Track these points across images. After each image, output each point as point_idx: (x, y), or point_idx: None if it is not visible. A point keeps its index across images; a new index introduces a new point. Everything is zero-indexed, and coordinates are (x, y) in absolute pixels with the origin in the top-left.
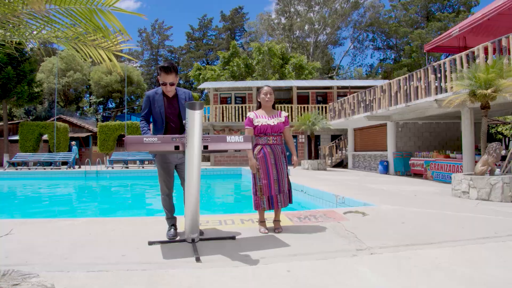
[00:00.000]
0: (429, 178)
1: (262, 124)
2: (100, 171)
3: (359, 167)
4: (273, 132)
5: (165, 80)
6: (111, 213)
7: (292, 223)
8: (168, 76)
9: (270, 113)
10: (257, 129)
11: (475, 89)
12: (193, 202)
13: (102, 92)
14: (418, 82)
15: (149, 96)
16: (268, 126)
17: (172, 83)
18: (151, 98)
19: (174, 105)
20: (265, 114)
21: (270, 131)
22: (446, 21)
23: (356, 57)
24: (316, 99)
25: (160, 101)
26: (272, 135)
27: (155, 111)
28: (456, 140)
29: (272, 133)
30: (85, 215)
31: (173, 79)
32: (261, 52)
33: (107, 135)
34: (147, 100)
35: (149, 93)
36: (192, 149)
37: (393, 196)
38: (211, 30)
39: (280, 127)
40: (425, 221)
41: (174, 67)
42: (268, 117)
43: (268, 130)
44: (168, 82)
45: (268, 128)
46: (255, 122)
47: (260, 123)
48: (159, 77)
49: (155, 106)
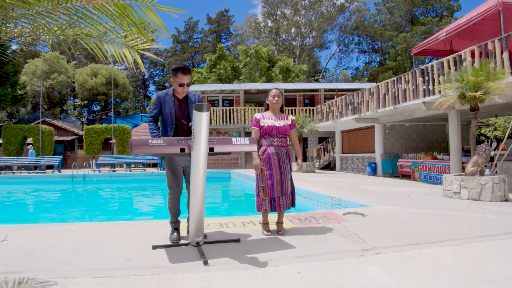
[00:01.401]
0: (417, 179)
1: (268, 125)
2: (87, 175)
3: (347, 169)
4: (279, 134)
5: (183, 81)
6: (103, 218)
7: (293, 224)
8: (186, 77)
9: (277, 116)
10: (263, 130)
11: (465, 92)
12: (198, 205)
13: (87, 94)
14: (406, 85)
15: (160, 97)
16: (273, 127)
17: (189, 83)
18: (162, 99)
19: (184, 107)
20: (272, 116)
21: (275, 133)
22: (430, 25)
23: (342, 60)
24: (304, 102)
25: (171, 102)
26: (277, 136)
27: (165, 112)
28: (442, 141)
29: (277, 135)
30: (77, 220)
31: (189, 79)
32: (248, 54)
33: (93, 138)
34: (157, 101)
35: (160, 94)
36: (199, 152)
37: (387, 197)
38: (197, 32)
39: (286, 129)
40: (423, 221)
41: (190, 68)
42: (275, 119)
43: (274, 132)
44: (185, 82)
45: (273, 129)
46: (262, 123)
47: (266, 124)
48: (175, 78)
49: (165, 107)
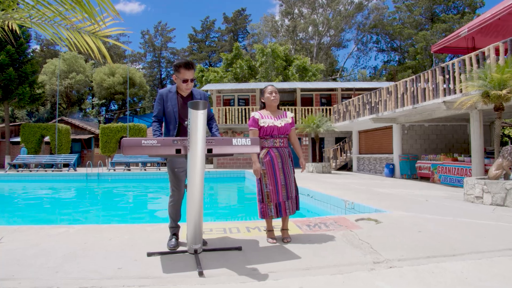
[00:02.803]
0: (436, 182)
1: (269, 125)
2: (102, 174)
3: (364, 170)
4: (280, 134)
5: (186, 77)
6: (112, 218)
7: (301, 231)
8: (189, 72)
9: (276, 114)
10: (263, 131)
11: (489, 90)
12: (196, 210)
13: (105, 93)
14: (425, 84)
15: (162, 94)
16: (274, 127)
17: (193, 79)
18: (164, 96)
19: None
20: (271, 114)
21: (276, 133)
22: (451, 23)
23: (360, 59)
24: (320, 101)
25: (174, 100)
26: (279, 137)
27: (168, 111)
28: (463, 142)
29: (279, 135)
30: (85, 220)
31: (193, 75)
32: (264, 53)
33: (109, 137)
34: (159, 98)
35: (162, 91)
36: (195, 153)
37: (403, 201)
38: (213, 32)
39: (287, 128)
40: (443, 230)
41: (193, 63)
42: (275, 118)
43: (275, 132)
44: (189, 78)
45: (274, 130)
46: (261, 123)
47: (266, 124)
48: (178, 74)
49: (168, 105)
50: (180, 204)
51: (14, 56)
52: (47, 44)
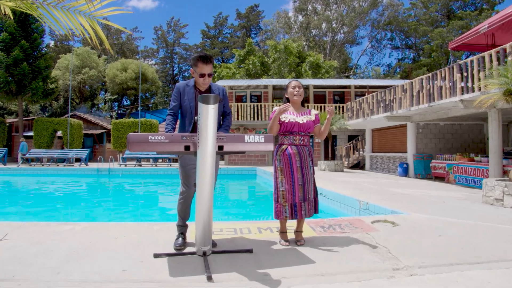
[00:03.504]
0: (451, 182)
1: (290, 121)
2: (113, 169)
3: (377, 169)
4: (301, 131)
5: (204, 71)
6: (121, 214)
7: (315, 233)
8: (207, 67)
9: (299, 110)
10: (283, 126)
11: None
12: (205, 210)
13: (117, 89)
14: (442, 82)
15: (179, 88)
16: (295, 123)
17: (210, 73)
18: (181, 90)
19: None
20: (294, 110)
21: (297, 130)
22: (468, 20)
23: (373, 57)
24: (333, 99)
25: (191, 94)
26: (300, 134)
27: (185, 105)
28: (479, 142)
29: (299, 132)
30: (93, 216)
31: (210, 69)
32: (277, 50)
33: (120, 132)
34: (177, 92)
35: (179, 85)
36: (205, 150)
37: (419, 202)
38: (226, 28)
39: (309, 126)
40: (464, 234)
41: (211, 57)
42: (297, 114)
43: (295, 129)
44: (206, 72)
45: (295, 126)
46: (282, 118)
47: (287, 120)
48: (195, 68)
49: (185, 99)
50: (190, 202)
51: (28, 51)
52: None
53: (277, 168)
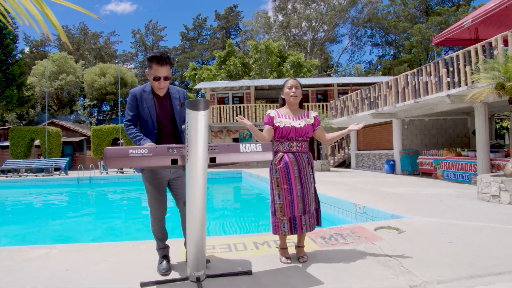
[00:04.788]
0: (439, 178)
1: (285, 126)
2: (94, 177)
3: (363, 167)
4: (298, 137)
5: (158, 74)
6: (103, 229)
7: (316, 246)
8: (162, 69)
9: (296, 113)
10: (278, 132)
11: (504, 82)
12: (197, 230)
13: (96, 94)
14: (427, 77)
15: (135, 94)
16: (292, 128)
17: (167, 77)
18: (138, 97)
19: (166, 106)
20: (290, 113)
21: (294, 135)
22: (446, 15)
23: (354, 54)
24: (316, 97)
25: (150, 101)
26: (297, 140)
27: (143, 114)
28: (464, 136)
29: (296, 138)
30: (73, 234)
31: (167, 72)
32: (258, 50)
33: (100, 139)
34: (132, 99)
35: (135, 91)
36: (195, 163)
37: (417, 203)
38: (205, 29)
39: (307, 130)
40: (475, 239)
41: (168, 57)
42: (294, 118)
43: (292, 134)
44: (162, 75)
45: (291, 131)
46: (276, 122)
47: (282, 124)
48: (150, 70)
49: (143, 107)
50: (164, 222)
51: (0, 58)
52: (37, 45)
53: (273, 179)
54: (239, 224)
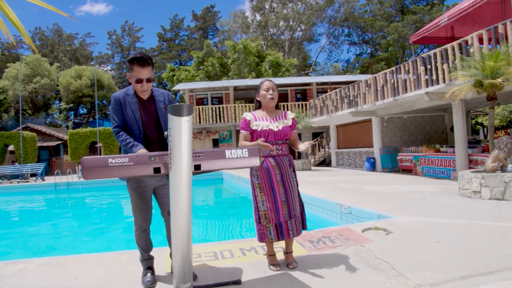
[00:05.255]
0: (419, 174)
1: (263, 129)
2: (72, 183)
3: (344, 165)
4: (277, 140)
5: (140, 76)
6: (83, 239)
7: (305, 250)
8: (144, 70)
9: (273, 115)
10: (256, 135)
11: (482, 79)
12: (184, 241)
13: (72, 97)
14: (406, 75)
15: (119, 98)
16: (270, 131)
17: (149, 78)
18: (122, 101)
19: (151, 109)
20: (267, 115)
21: (273, 139)
22: (421, 14)
23: (332, 53)
24: (295, 97)
25: (134, 104)
26: (276, 143)
27: (129, 118)
28: (442, 133)
29: (276, 141)
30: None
31: (149, 73)
32: (236, 50)
33: (78, 143)
34: (116, 103)
35: (117, 95)
36: (180, 172)
37: (400, 201)
38: (183, 30)
39: (286, 132)
40: (463, 238)
41: (149, 58)
42: (271, 120)
43: (271, 138)
44: (144, 77)
45: (270, 135)
46: (253, 126)
47: (260, 128)
48: (131, 72)
49: (127, 111)
50: (148, 232)
51: None
52: (8, 48)
53: (255, 185)
54: (222, 228)
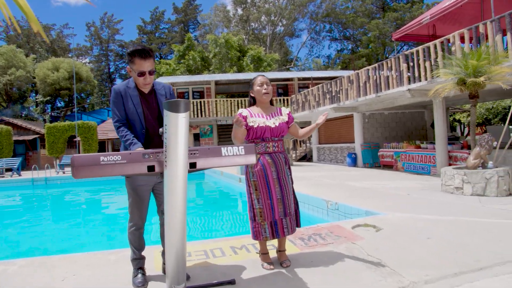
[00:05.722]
0: (400, 170)
1: (259, 126)
2: (50, 178)
3: (325, 160)
4: (274, 137)
5: (142, 68)
6: (66, 237)
7: (297, 248)
8: (146, 63)
9: (268, 111)
10: (252, 132)
11: (465, 77)
12: (178, 241)
13: (49, 90)
14: (389, 72)
15: (120, 91)
16: (267, 128)
17: (151, 71)
18: (123, 94)
19: (152, 104)
20: (262, 112)
21: (269, 135)
22: (402, 12)
23: (313, 48)
24: (277, 92)
25: (136, 97)
26: (273, 140)
27: (130, 112)
28: (421, 129)
29: (272, 138)
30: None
31: (151, 65)
32: (217, 44)
33: (56, 137)
34: (116, 97)
35: (118, 88)
36: (175, 170)
37: (386, 197)
38: (163, 23)
39: (282, 129)
40: (451, 234)
41: (150, 50)
42: (267, 116)
43: (267, 134)
44: (146, 70)
45: (266, 131)
46: (250, 122)
47: (256, 124)
48: (132, 65)
49: (129, 105)
50: (143, 230)
51: None
52: None
53: (250, 183)
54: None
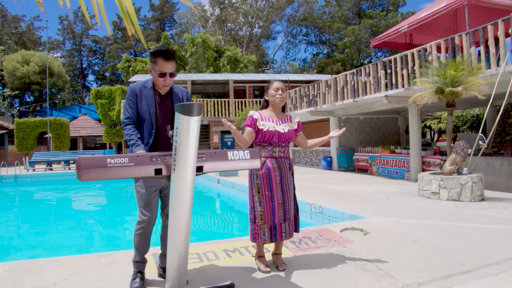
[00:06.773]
0: (374, 174)
1: (269, 130)
2: (20, 175)
3: (300, 163)
4: (281, 142)
5: (164, 69)
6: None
7: (289, 251)
8: (168, 64)
9: (280, 117)
10: (261, 135)
11: (443, 86)
12: (181, 245)
13: (18, 84)
14: (366, 77)
15: (135, 90)
16: (275, 133)
17: (173, 73)
18: (138, 93)
19: (168, 106)
20: (274, 116)
21: (277, 140)
22: (377, 19)
23: (289, 51)
24: (253, 93)
25: (151, 98)
26: (279, 145)
27: (142, 111)
28: (395, 134)
29: (279, 143)
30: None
31: (173, 68)
32: (194, 44)
33: (25, 133)
34: (132, 95)
35: (134, 87)
36: (184, 174)
37: (367, 201)
38: (139, 20)
39: (290, 136)
40: (434, 238)
41: (174, 52)
42: (277, 122)
43: (275, 139)
44: (168, 71)
45: (275, 136)
46: (260, 125)
47: (266, 128)
48: (154, 65)
49: (142, 105)
50: (150, 232)
51: None
52: None
53: (253, 185)
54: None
